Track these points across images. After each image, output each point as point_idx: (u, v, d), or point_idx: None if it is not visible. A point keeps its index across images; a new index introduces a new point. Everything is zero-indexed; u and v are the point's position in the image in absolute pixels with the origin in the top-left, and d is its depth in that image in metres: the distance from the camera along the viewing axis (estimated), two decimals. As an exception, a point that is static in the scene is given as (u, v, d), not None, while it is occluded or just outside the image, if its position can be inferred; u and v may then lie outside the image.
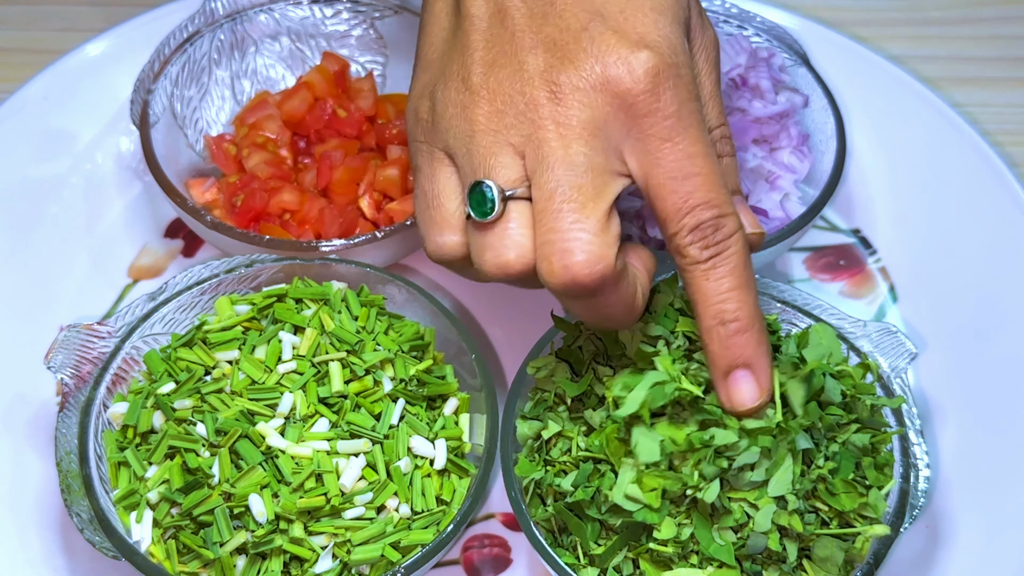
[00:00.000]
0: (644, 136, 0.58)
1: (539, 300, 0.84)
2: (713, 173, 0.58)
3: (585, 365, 0.66)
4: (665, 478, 0.60)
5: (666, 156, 0.58)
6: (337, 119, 0.84)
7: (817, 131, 0.84)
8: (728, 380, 0.60)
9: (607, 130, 0.58)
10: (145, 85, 0.82)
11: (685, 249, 0.58)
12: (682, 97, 0.58)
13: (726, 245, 0.59)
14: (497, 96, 0.59)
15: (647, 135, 0.58)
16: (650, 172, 0.58)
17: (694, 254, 0.58)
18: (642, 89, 0.57)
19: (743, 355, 0.60)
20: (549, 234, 0.58)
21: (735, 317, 0.59)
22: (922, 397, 0.79)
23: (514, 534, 0.74)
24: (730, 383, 0.60)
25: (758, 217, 0.79)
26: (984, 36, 1.03)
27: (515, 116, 0.58)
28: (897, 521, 0.64)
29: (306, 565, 0.64)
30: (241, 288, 0.74)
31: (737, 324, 0.59)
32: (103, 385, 0.69)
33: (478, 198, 0.59)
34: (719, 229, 0.58)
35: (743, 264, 0.59)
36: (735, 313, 0.59)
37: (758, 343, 0.60)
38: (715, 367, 0.60)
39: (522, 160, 0.59)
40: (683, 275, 0.60)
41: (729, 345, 0.59)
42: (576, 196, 0.57)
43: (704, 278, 0.59)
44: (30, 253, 0.84)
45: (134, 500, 0.65)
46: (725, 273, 0.59)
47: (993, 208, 0.85)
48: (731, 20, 0.87)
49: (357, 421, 0.66)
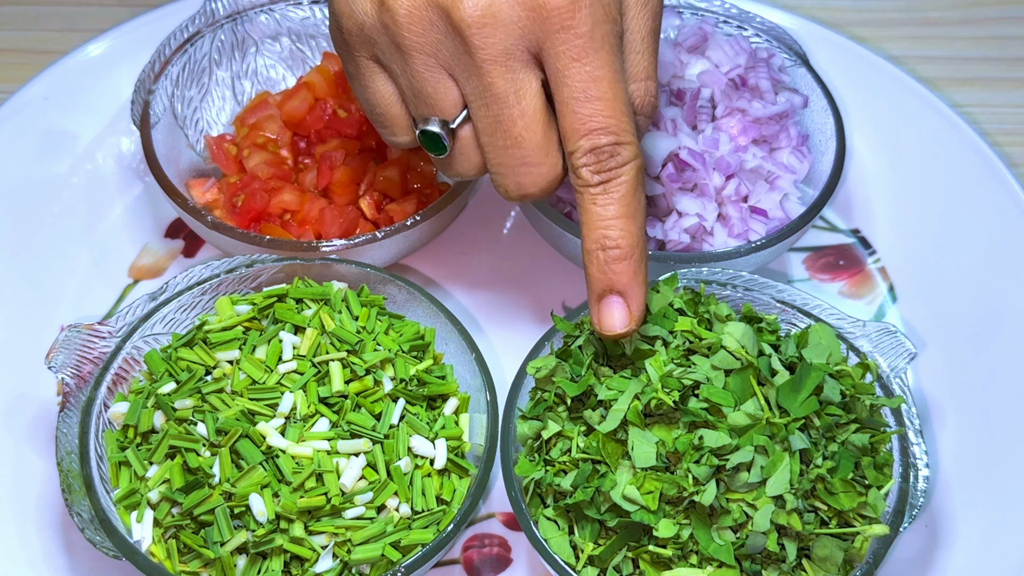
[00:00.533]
0: (555, 52, 0.60)
1: (539, 300, 0.84)
2: (616, 99, 0.60)
3: (585, 365, 0.66)
4: (662, 481, 0.60)
5: (573, 75, 0.60)
6: (337, 119, 0.84)
7: (816, 131, 0.84)
8: (601, 304, 0.63)
9: (526, 42, 0.60)
10: (146, 85, 0.83)
11: (579, 170, 0.61)
12: (597, 17, 0.60)
13: (618, 173, 0.61)
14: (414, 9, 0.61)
15: (558, 52, 0.60)
16: (557, 88, 0.60)
17: (586, 177, 0.61)
18: (557, 4, 0.59)
19: (619, 282, 0.62)
20: (499, 167, 0.63)
21: (616, 244, 0.61)
22: (921, 397, 0.79)
23: (514, 534, 0.74)
24: (602, 307, 0.63)
25: (758, 217, 0.79)
26: (983, 37, 1.03)
27: (440, 33, 0.61)
28: (896, 521, 0.64)
29: (306, 565, 0.64)
30: (242, 288, 0.75)
31: (617, 251, 0.61)
32: (104, 385, 0.69)
33: (429, 142, 0.65)
34: (613, 156, 0.60)
35: (632, 193, 0.61)
36: (616, 240, 0.61)
37: (635, 272, 0.62)
38: (591, 290, 0.63)
39: (456, 83, 0.62)
40: (575, 195, 0.62)
41: (607, 271, 0.62)
42: (512, 128, 0.61)
43: (592, 202, 0.61)
44: (31, 253, 0.84)
45: (135, 500, 0.65)
46: (613, 200, 0.61)
47: (992, 208, 0.85)
48: (731, 20, 0.87)
49: (357, 421, 0.67)
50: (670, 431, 0.62)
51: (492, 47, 0.60)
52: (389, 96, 0.66)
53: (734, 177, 0.78)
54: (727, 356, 0.63)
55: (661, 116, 0.78)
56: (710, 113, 0.80)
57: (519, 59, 0.61)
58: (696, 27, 0.84)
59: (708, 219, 0.77)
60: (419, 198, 0.81)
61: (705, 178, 0.77)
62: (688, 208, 0.77)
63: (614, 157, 0.60)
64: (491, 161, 0.64)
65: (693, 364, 0.64)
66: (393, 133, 0.68)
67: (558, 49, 0.60)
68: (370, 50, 0.64)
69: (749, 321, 0.68)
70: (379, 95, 0.66)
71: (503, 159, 0.63)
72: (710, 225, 0.78)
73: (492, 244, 0.87)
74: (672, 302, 0.68)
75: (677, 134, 0.78)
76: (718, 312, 0.67)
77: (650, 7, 0.64)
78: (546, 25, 0.59)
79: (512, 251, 0.86)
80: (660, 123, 0.78)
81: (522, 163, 0.63)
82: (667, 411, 0.62)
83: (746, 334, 0.64)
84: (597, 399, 0.64)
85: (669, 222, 0.78)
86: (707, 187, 0.77)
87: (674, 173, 0.77)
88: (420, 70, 0.63)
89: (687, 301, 0.68)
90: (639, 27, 0.64)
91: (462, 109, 0.64)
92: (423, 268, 0.85)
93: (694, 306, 0.68)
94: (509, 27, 0.60)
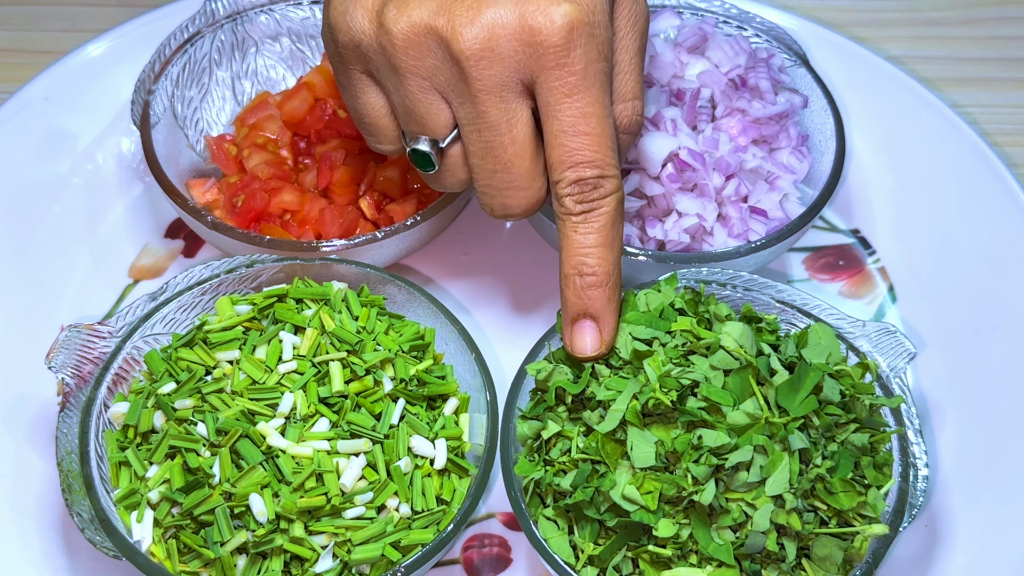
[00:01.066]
0: (548, 87, 0.62)
1: (539, 300, 0.84)
2: (603, 135, 0.63)
3: (582, 366, 0.66)
4: (661, 481, 0.60)
5: (564, 111, 0.62)
6: (337, 119, 0.84)
7: (816, 131, 0.84)
8: (575, 327, 0.65)
9: (520, 75, 0.62)
10: (146, 86, 0.83)
11: (563, 199, 0.64)
12: (591, 56, 0.62)
13: (599, 204, 0.64)
14: (413, 35, 0.62)
15: (551, 87, 0.62)
16: (547, 121, 0.63)
17: (569, 206, 0.64)
18: (554, 42, 0.61)
19: (592, 307, 0.65)
20: (487, 189, 0.66)
21: (593, 271, 0.64)
22: (921, 397, 0.79)
23: (514, 534, 0.74)
24: (575, 329, 0.65)
25: (758, 217, 0.79)
26: (983, 37, 1.03)
27: (437, 60, 0.63)
28: (896, 520, 0.64)
29: (306, 564, 0.64)
30: (242, 288, 0.75)
31: (593, 278, 0.64)
32: (104, 385, 0.69)
33: (419, 159, 0.67)
34: (596, 188, 0.63)
35: (611, 224, 0.64)
36: (593, 268, 0.64)
37: (608, 299, 0.65)
38: (566, 313, 0.66)
39: (448, 105, 0.64)
40: (557, 222, 0.65)
41: (582, 296, 0.65)
42: (502, 155, 0.64)
43: (573, 230, 0.64)
44: (31, 253, 0.84)
45: (135, 500, 0.65)
46: (593, 230, 0.64)
47: (992, 208, 0.85)
48: (731, 20, 0.87)
49: (357, 421, 0.67)
50: (669, 431, 0.62)
51: (488, 79, 0.62)
52: (379, 109, 0.68)
53: (734, 177, 0.78)
54: (726, 356, 0.63)
55: (661, 116, 0.78)
56: (710, 113, 0.80)
57: (513, 90, 0.63)
58: (696, 27, 0.84)
59: (708, 219, 0.77)
60: (419, 198, 0.81)
61: (705, 178, 0.77)
62: (688, 208, 0.77)
63: (597, 189, 0.63)
64: (479, 182, 0.66)
65: (692, 364, 0.64)
66: (379, 142, 0.70)
67: (552, 84, 0.62)
68: (364, 65, 0.66)
69: (749, 321, 0.68)
70: (369, 107, 0.68)
71: (491, 181, 0.66)
72: (710, 225, 0.78)
73: (492, 244, 0.87)
74: (672, 302, 0.68)
75: (677, 134, 0.78)
76: (718, 312, 0.67)
77: (638, 28, 0.67)
78: (541, 61, 0.62)
79: (512, 251, 0.86)
80: (660, 123, 0.78)
81: (509, 186, 0.66)
82: (666, 411, 0.62)
83: (744, 334, 0.64)
84: (596, 399, 0.64)
85: (669, 222, 0.78)
86: (707, 187, 0.77)
87: (674, 173, 0.77)
88: (414, 91, 0.64)
89: (687, 301, 0.68)
90: (627, 48, 0.66)
91: (452, 130, 0.66)
92: (423, 268, 0.85)
93: (694, 306, 0.68)
94: (506, 61, 0.62)
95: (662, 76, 0.81)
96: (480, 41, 0.61)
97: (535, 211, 0.67)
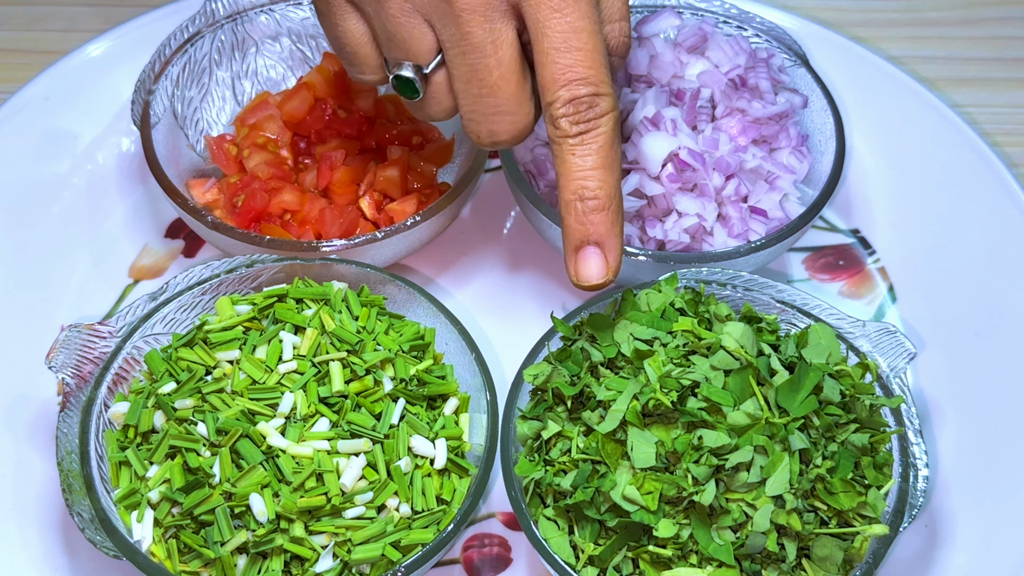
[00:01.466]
0: (536, 3, 0.60)
1: (539, 300, 0.84)
2: (596, 51, 0.61)
3: (583, 367, 0.66)
4: (661, 481, 0.60)
5: (554, 26, 0.60)
6: (337, 119, 0.84)
7: (816, 131, 0.84)
8: (579, 254, 0.63)
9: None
10: (146, 86, 0.83)
11: (557, 121, 0.61)
12: None
13: (596, 124, 0.61)
14: None
15: (539, 2, 0.60)
16: (537, 39, 0.61)
17: (565, 127, 0.61)
18: None
19: (596, 232, 0.62)
20: (473, 115, 0.64)
21: (594, 195, 0.62)
22: (921, 397, 0.79)
23: (514, 534, 0.74)
24: (580, 257, 0.63)
25: (758, 217, 0.79)
26: (983, 37, 1.03)
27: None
28: (896, 520, 0.64)
29: (307, 564, 0.64)
30: (242, 288, 0.75)
31: (596, 202, 0.62)
32: (104, 385, 0.69)
33: (403, 86, 0.65)
34: (592, 107, 0.61)
35: (610, 144, 0.62)
36: (595, 191, 0.62)
37: (612, 223, 0.63)
38: (569, 240, 0.63)
39: (431, 29, 0.63)
40: (552, 147, 0.63)
41: (585, 221, 0.62)
42: (488, 77, 0.62)
43: (571, 152, 0.62)
44: (31, 253, 0.84)
45: (135, 500, 0.65)
46: (592, 151, 0.62)
47: (992, 208, 0.85)
48: (731, 21, 0.87)
49: (357, 421, 0.67)
50: (669, 431, 0.62)
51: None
52: (360, 36, 0.66)
53: (734, 177, 0.78)
54: (726, 356, 0.63)
55: (661, 116, 0.78)
56: (710, 113, 0.80)
57: (498, 9, 0.61)
58: (696, 27, 0.84)
59: (708, 219, 0.77)
60: (419, 198, 0.81)
61: (705, 178, 0.77)
62: (688, 208, 0.77)
63: (593, 108, 0.61)
64: (465, 108, 0.65)
65: (692, 364, 0.64)
66: (361, 72, 0.68)
67: (540, 0, 0.60)
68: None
69: (749, 321, 0.68)
70: (350, 34, 0.66)
71: (477, 107, 0.64)
72: (710, 225, 0.78)
73: (492, 244, 0.87)
74: (673, 302, 0.68)
75: (677, 134, 0.78)
76: (718, 312, 0.68)
77: None
78: None
79: (512, 251, 0.87)
80: (660, 123, 0.78)
81: (496, 111, 0.64)
82: (666, 411, 0.62)
83: (746, 334, 0.64)
84: (596, 399, 0.64)
85: (669, 222, 0.78)
86: (707, 187, 0.77)
87: (674, 173, 0.77)
88: (396, 14, 0.62)
89: (688, 301, 0.68)
90: None
91: (436, 54, 0.64)
92: (423, 268, 0.85)
93: (695, 306, 0.68)
94: None
95: (662, 76, 0.81)
96: None
97: (523, 138, 0.66)
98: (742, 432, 0.60)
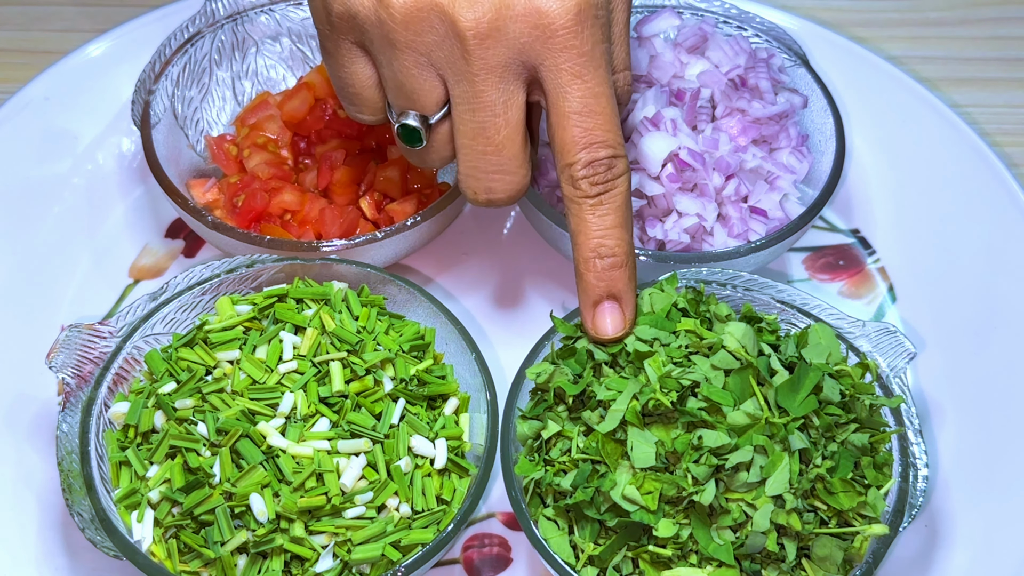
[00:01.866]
0: (557, 69, 0.62)
1: (539, 300, 0.84)
2: (613, 115, 0.63)
3: (584, 366, 0.66)
4: (661, 481, 0.60)
5: (575, 91, 0.62)
6: (337, 119, 0.84)
7: (816, 132, 0.84)
8: (597, 309, 0.65)
9: (523, 57, 0.62)
10: (146, 86, 0.83)
11: (577, 182, 0.63)
12: (597, 37, 0.62)
13: (614, 185, 0.64)
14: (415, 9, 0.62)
15: (560, 68, 0.62)
16: (556, 103, 0.63)
17: (584, 188, 0.63)
18: (564, 24, 0.61)
19: (615, 288, 0.65)
20: (473, 171, 0.65)
21: (612, 252, 0.64)
22: (921, 397, 0.79)
23: (514, 534, 0.74)
24: (598, 312, 0.65)
25: (758, 217, 0.79)
26: (983, 37, 1.03)
27: (438, 36, 0.62)
28: (896, 520, 0.64)
29: (307, 564, 0.64)
30: (242, 288, 0.75)
31: (613, 259, 0.64)
32: (104, 385, 0.69)
33: (407, 134, 0.66)
34: (610, 168, 0.63)
35: (626, 204, 0.64)
36: (613, 249, 0.64)
37: (629, 279, 0.65)
38: (587, 296, 0.65)
39: (442, 82, 0.64)
40: (569, 206, 0.65)
41: (604, 278, 0.64)
42: (496, 136, 0.64)
43: (590, 212, 0.64)
44: (32, 253, 0.84)
45: (135, 500, 0.65)
46: (610, 211, 0.64)
47: (992, 208, 0.85)
48: (731, 21, 0.87)
49: (358, 421, 0.67)
50: (669, 431, 0.62)
51: (492, 58, 0.62)
52: (366, 80, 0.67)
53: (734, 177, 0.78)
54: (727, 356, 0.63)
55: (661, 116, 0.78)
56: (710, 113, 0.80)
57: (513, 72, 0.63)
58: (696, 27, 0.84)
59: (708, 219, 0.77)
60: (419, 198, 0.81)
61: (705, 178, 0.77)
62: (688, 208, 0.77)
63: (611, 169, 0.63)
64: (465, 163, 0.66)
65: (693, 364, 0.64)
66: (361, 112, 0.69)
67: (561, 66, 0.62)
68: (357, 36, 0.65)
69: (749, 321, 0.68)
70: (356, 77, 0.67)
71: (479, 163, 0.65)
72: (710, 225, 0.78)
73: (492, 244, 0.87)
74: (676, 302, 0.68)
75: (677, 134, 0.78)
76: (718, 312, 0.68)
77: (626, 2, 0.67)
78: (549, 44, 0.61)
79: (512, 251, 0.87)
80: (660, 123, 0.78)
81: (498, 170, 0.65)
82: (666, 411, 0.62)
83: (747, 334, 0.64)
84: (596, 399, 0.64)
85: (669, 222, 0.78)
86: (707, 187, 0.78)
87: (674, 173, 0.77)
88: (409, 67, 0.63)
89: (690, 301, 0.68)
90: (619, 20, 0.66)
91: (443, 107, 0.65)
92: (423, 268, 0.85)
93: (696, 306, 0.68)
94: (511, 42, 0.62)
95: (662, 76, 0.82)
96: (487, 21, 0.61)
97: (517, 199, 0.67)
98: (742, 432, 0.60)
